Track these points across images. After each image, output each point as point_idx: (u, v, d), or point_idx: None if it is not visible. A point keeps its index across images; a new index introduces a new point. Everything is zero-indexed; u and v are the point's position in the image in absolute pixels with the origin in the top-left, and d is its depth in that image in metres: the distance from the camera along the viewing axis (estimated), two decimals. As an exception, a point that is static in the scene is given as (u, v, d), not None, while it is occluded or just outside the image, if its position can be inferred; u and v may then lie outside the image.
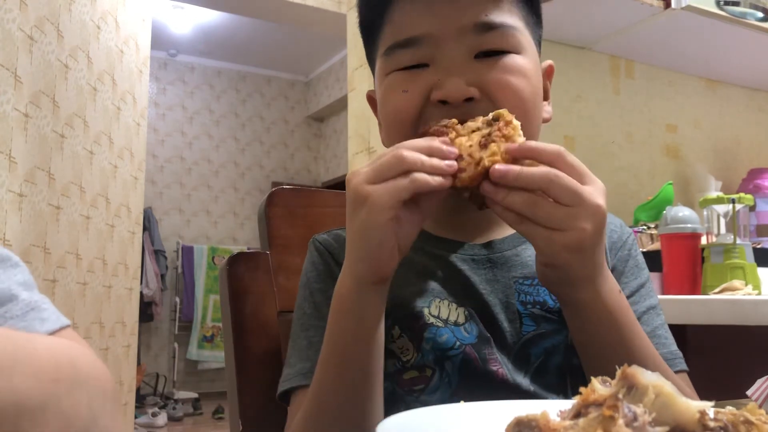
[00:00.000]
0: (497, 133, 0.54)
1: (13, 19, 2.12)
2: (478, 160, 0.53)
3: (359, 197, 0.52)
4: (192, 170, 6.60)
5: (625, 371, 0.31)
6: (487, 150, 0.53)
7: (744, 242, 1.42)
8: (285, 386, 0.65)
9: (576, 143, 2.02)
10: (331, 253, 0.71)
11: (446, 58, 0.62)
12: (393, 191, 0.50)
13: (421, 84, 0.63)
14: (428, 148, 0.52)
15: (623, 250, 0.72)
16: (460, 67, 0.62)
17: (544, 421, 0.29)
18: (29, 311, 0.52)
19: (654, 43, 2.04)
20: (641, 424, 0.28)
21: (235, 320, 0.85)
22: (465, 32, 0.62)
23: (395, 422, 0.36)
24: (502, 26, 0.63)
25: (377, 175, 0.51)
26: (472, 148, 0.54)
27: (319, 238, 0.73)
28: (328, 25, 4.40)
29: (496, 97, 0.62)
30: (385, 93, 0.66)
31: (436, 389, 0.63)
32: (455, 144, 0.54)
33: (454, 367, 0.63)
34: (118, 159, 3.18)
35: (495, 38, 0.63)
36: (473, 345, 0.63)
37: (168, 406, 5.39)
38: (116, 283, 3.15)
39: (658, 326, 0.68)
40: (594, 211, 0.51)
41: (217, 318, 6.25)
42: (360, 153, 2.30)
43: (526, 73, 0.63)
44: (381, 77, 0.67)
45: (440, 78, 0.62)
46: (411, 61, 0.64)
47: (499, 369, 0.63)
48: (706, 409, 0.30)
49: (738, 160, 2.36)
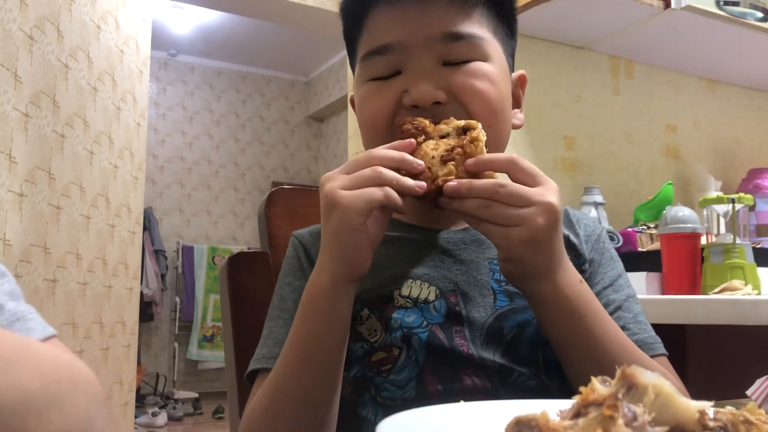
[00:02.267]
0: (459, 150, 0.60)
1: (13, 19, 2.12)
2: (435, 177, 0.59)
3: (333, 202, 0.56)
4: (192, 170, 6.60)
5: (624, 371, 0.31)
6: (445, 167, 0.59)
7: (744, 242, 1.42)
8: (248, 369, 0.69)
9: (576, 143, 2.02)
10: (304, 247, 0.74)
11: (415, 65, 0.67)
12: (367, 200, 0.55)
13: (393, 91, 0.67)
14: (400, 161, 0.58)
15: (598, 243, 0.76)
16: (428, 73, 0.66)
17: (543, 421, 0.30)
18: (15, 321, 0.52)
19: (654, 43, 2.04)
20: (641, 423, 0.28)
21: (235, 320, 0.85)
22: (433, 41, 0.66)
23: (395, 422, 0.36)
24: (469, 36, 0.67)
25: (353, 184, 0.56)
26: (434, 160, 0.59)
27: (297, 233, 0.77)
28: (328, 25, 4.40)
29: (463, 100, 0.66)
30: (362, 101, 0.71)
31: (403, 368, 0.65)
32: (421, 151, 0.60)
33: (420, 345, 0.65)
34: (118, 159, 3.18)
35: (461, 48, 0.67)
36: (440, 324, 0.66)
37: (168, 406, 5.39)
38: (116, 282, 3.15)
39: (638, 313, 0.71)
40: (545, 208, 0.56)
41: (217, 318, 6.25)
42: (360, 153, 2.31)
43: (492, 79, 0.67)
44: (359, 84, 0.72)
45: (410, 84, 0.66)
46: (384, 67, 0.68)
47: (464, 345, 0.65)
48: (705, 409, 0.31)
49: (738, 160, 2.36)
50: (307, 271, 0.71)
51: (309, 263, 0.72)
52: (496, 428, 0.33)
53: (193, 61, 6.67)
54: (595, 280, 0.72)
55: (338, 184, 0.57)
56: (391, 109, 0.67)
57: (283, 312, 0.70)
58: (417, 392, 0.64)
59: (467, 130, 0.60)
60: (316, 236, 0.73)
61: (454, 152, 0.59)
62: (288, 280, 0.72)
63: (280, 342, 0.65)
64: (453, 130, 0.61)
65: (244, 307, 0.85)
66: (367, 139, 0.72)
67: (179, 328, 6.18)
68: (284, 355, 0.62)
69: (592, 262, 0.73)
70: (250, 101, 6.96)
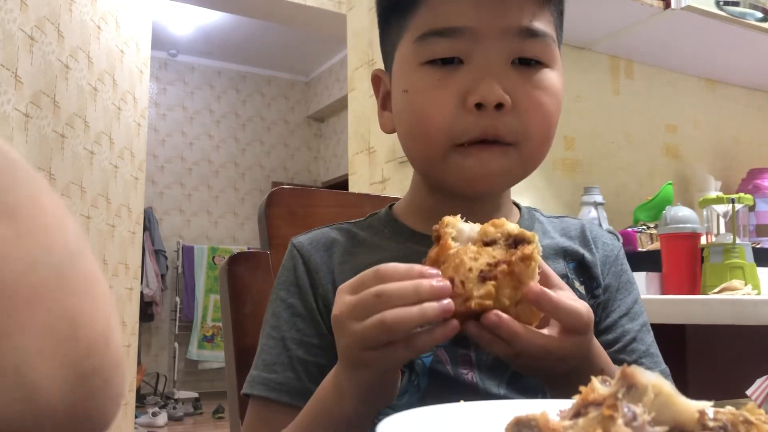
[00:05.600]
0: (504, 267, 0.47)
1: (13, 20, 2.12)
2: (468, 296, 0.46)
3: (342, 332, 0.49)
4: (192, 170, 6.60)
5: (624, 371, 0.31)
6: (482, 287, 0.46)
7: (743, 242, 1.42)
8: (242, 390, 0.67)
9: (576, 143, 2.02)
10: (303, 258, 0.68)
11: (485, 58, 0.60)
12: (393, 360, 0.48)
13: (455, 86, 0.60)
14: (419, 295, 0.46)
15: (616, 266, 0.72)
16: (496, 71, 0.60)
17: (543, 421, 0.30)
18: None
19: (654, 43, 2.04)
20: (640, 423, 0.28)
21: (235, 320, 0.85)
22: (508, 34, 0.60)
23: (395, 422, 0.36)
24: (544, 35, 0.61)
25: (372, 341, 0.47)
26: (470, 274, 0.47)
27: (296, 240, 0.71)
28: (328, 25, 4.40)
29: (525, 110, 0.60)
30: (416, 91, 0.63)
31: (405, 392, 0.62)
32: (456, 258, 0.47)
33: (423, 370, 0.62)
34: (118, 159, 3.18)
35: (536, 46, 0.61)
36: (446, 347, 0.63)
37: (168, 406, 5.39)
38: (117, 282, 3.15)
39: (651, 344, 0.68)
40: (581, 361, 0.52)
41: (217, 318, 6.26)
42: (360, 153, 2.31)
43: (555, 92, 0.63)
44: (409, 65, 0.63)
45: (475, 80, 0.59)
46: (446, 51, 0.61)
47: (468, 374, 0.62)
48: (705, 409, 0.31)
49: (737, 160, 2.36)
50: (303, 288, 0.67)
51: (308, 276, 0.68)
52: (496, 428, 0.33)
53: (193, 61, 6.67)
54: (611, 308, 0.68)
55: (346, 311, 0.48)
56: (451, 108, 0.60)
57: (275, 330, 0.66)
58: None
59: (519, 243, 0.48)
60: (316, 244, 0.69)
61: (497, 269, 0.47)
62: (282, 294, 0.68)
63: (269, 366, 0.64)
64: (502, 238, 0.49)
65: (244, 307, 0.85)
66: (414, 139, 0.65)
67: (179, 328, 6.18)
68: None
69: (608, 288, 0.69)
70: (250, 101, 6.96)
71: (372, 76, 0.73)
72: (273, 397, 0.63)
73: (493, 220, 0.50)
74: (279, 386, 0.64)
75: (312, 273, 0.67)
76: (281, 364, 0.64)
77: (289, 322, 0.66)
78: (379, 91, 0.72)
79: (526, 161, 0.63)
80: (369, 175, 2.26)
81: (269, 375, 0.64)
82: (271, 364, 0.64)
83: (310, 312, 0.66)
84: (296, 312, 0.66)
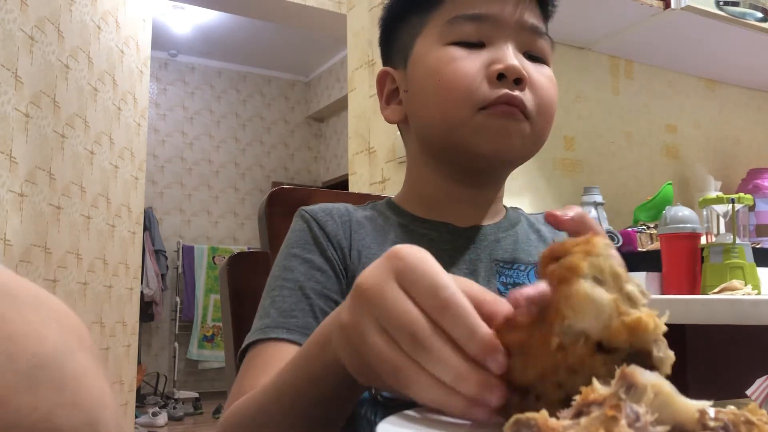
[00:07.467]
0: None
1: (13, 20, 2.12)
2: (538, 394, 0.34)
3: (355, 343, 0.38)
4: (192, 170, 6.60)
5: (624, 370, 0.31)
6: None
7: (743, 242, 1.42)
8: (243, 346, 0.62)
9: (576, 143, 2.02)
10: (318, 222, 0.69)
11: (505, 42, 0.66)
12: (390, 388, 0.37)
13: (479, 59, 0.66)
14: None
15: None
16: (515, 53, 0.66)
17: (543, 421, 0.29)
18: None
19: (653, 44, 2.04)
20: (643, 424, 0.28)
21: (236, 320, 0.85)
22: (523, 28, 0.67)
23: (395, 422, 0.36)
24: (548, 37, 0.70)
25: (380, 369, 0.36)
26: (559, 391, 0.33)
27: (306, 208, 0.72)
28: (328, 25, 4.40)
29: (539, 89, 0.66)
30: (444, 62, 0.66)
31: None
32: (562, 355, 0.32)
33: None
34: (118, 159, 3.18)
35: (542, 44, 0.69)
36: None
37: (168, 406, 5.39)
38: (117, 282, 3.15)
39: None
40: None
41: (217, 318, 6.26)
42: (360, 153, 2.31)
43: (555, 86, 0.69)
44: (435, 46, 0.68)
45: (498, 55, 0.65)
46: (472, 34, 0.67)
47: None
48: (705, 409, 0.31)
49: (737, 161, 2.36)
50: (321, 245, 0.67)
51: (325, 237, 0.68)
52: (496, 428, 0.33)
53: (193, 61, 6.67)
54: None
55: (375, 307, 0.36)
56: (476, 74, 0.65)
57: (288, 282, 0.64)
58: None
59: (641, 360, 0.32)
60: (328, 212, 0.70)
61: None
62: (295, 251, 0.66)
63: (286, 312, 0.61)
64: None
65: (244, 307, 0.85)
66: (442, 99, 0.66)
67: (179, 328, 6.18)
68: (269, 397, 0.48)
69: None
70: (250, 101, 6.96)
71: (380, 73, 0.76)
72: (294, 338, 0.59)
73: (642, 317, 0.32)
74: (301, 329, 0.60)
75: (329, 236, 0.68)
76: (301, 310, 0.62)
77: (306, 274, 0.65)
78: (384, 89, 0.75)
79: (536, 138, 0.67)
80: (369, 175, 2.26)
81: (287, 320, 0.61)
82: (290, 311, 0.61)
83: (331, 266, 0.66)
84: (315, 266, 0.66)
